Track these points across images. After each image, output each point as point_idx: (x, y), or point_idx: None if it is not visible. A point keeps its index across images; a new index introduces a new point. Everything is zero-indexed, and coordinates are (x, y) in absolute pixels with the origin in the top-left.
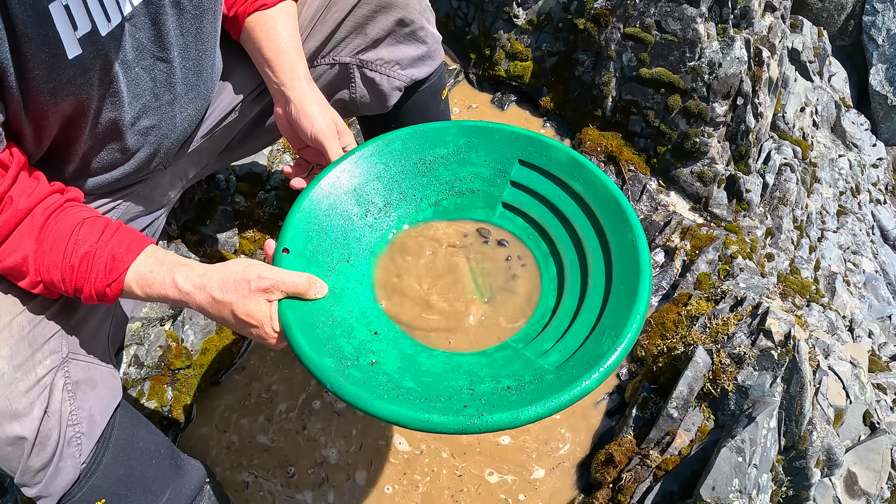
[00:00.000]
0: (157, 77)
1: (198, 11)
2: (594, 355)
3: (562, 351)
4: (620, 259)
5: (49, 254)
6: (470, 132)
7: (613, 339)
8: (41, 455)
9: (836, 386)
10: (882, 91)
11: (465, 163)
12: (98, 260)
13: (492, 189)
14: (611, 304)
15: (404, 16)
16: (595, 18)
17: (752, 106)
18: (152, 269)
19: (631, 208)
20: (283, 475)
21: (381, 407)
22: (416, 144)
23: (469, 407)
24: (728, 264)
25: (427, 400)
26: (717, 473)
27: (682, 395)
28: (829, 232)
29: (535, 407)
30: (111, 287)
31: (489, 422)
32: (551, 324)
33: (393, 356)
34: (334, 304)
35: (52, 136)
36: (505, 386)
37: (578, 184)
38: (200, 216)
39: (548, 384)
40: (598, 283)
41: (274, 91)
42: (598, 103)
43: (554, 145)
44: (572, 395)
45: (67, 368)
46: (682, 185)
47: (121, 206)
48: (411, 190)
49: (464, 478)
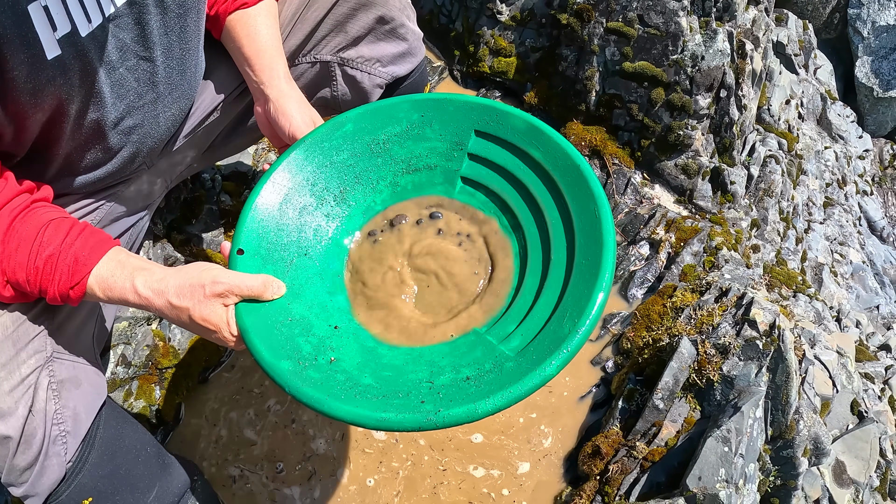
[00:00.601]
0: (140, 77)
1: (182, 11)
2: (555, 338)
3: (523, 334)
4: (583, 232)
5: (14, 255)
6: (422, 106)
7: (574, 319)
8: (26, 454)
9: (823, 375)
10: (868, 83)
11: (420, 139)
12: (62, 262)
13: (449, 164)
14: (573, 282)
15: (384, 13)
16: (578, 13)
17: (735, 98)
18: (113, 274)
19: (594, 176)
20: (272, 469)
21: (338, 408)
22: (367, 125)
23: (426, 402)
24: (713, 256)
25: (384, 397)
26: (704, 464)
27: (667, 386)
28: (815, 223)
29: (492, 399)
30: (74, 290)
31: (446, 417)
32: (514, 304)
33: (353, 351)
34: (293, 301)
35: (33, 136)
36: (464, 376)
37: (537, 151)
38: (186, 215)
39: (507, 373)
40: (559, 258)
41: (254, 90)
42: (581, 98)
43: (510, 112)
44: (531, 384)
45: (52, 367)
46: (666, 178)
47: (105, 205)
48: (366, 172)
49: (447, 472)
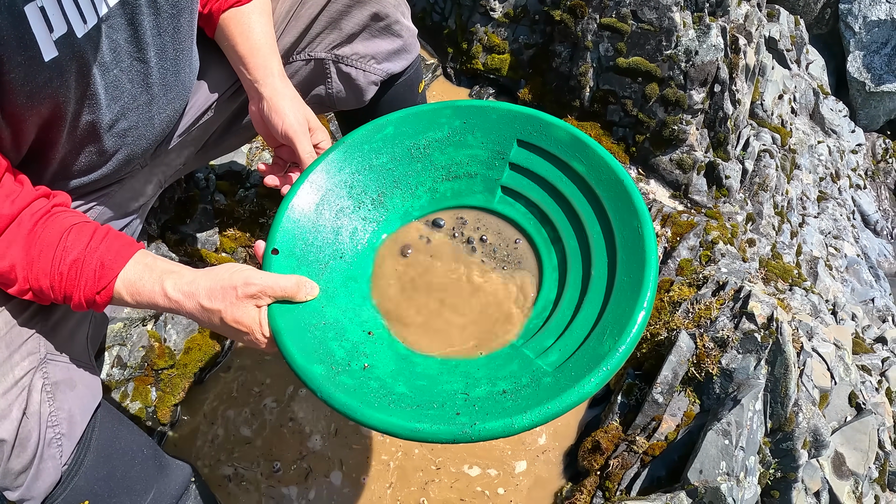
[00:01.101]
0: (134, 78)
1: (175, 11)
2: (594, 356)
3: (562, 350)
4: (625, 248)
5: (37, 261)
6: (465, 113)
7: (615, 338)
8: (21, 457)
9: (821, 367)
10: (860, 78)
11: (462, 146)
12: (87, 267)
13: (490, 172)
14: (614, 299)
15: (379, 10)
16: (571, 10)
17: (729, 93)
18: (142, 277)
19: (637, 192)
20: (269, 468)
21: (371, 416)
22: (408, 129)
23: (462, 415)
24: (709, 250)
25: (419, 407)
26: (705, 457)
27: (666, 381)
28: (809, 217)
29: (530, 414)
30: (101, 295)
31: (481, 431)
32: (552, 318)
33: (387, 358)
34: (327, 304)
35: (29, 140)
36: (501, 390)
37: (581, 165)
38: (181, 215)
39: (545, 388)
40: (600, 274)
41: (248, 88)
42: (575, 94)
43: (554, 123)
44: (570, 400)
45: (46, 369)
46: (661, 173)
47: (98, 207)
48: (405, 177)
49: (441, 470)
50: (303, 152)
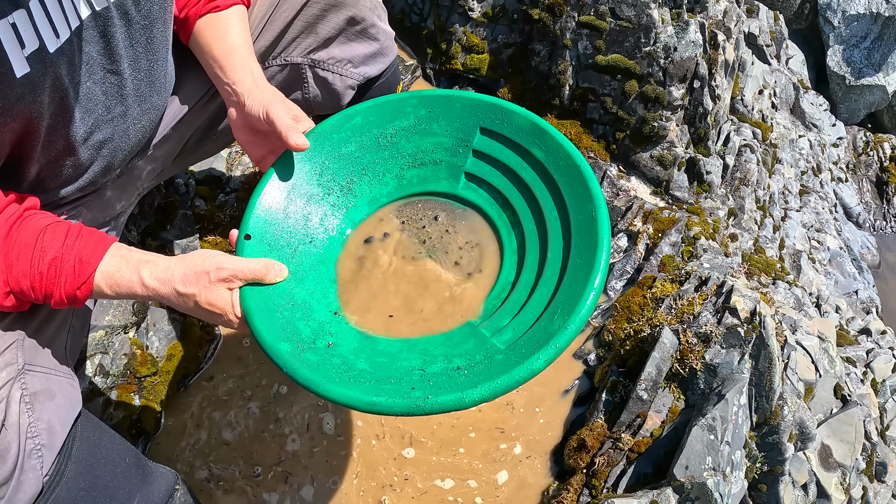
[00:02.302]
0: (108, 90)
1: (147, 22)
2: (545, 334)
3: (515, 329)
4: (579, 231)
5: (16, 264)
6: (430, 102)
7: (565, 317)
8: (1, 469)
9: (805, 360)
10: (840, 72)
11: (427, 133)
12: (66, 264)
13: (454, 159)
14: (566, 280)
15: (355, 13)
16: (549, 8)
17: (709, 89)
18: (119, 268)
19: (593, 177)
20: (249, 472)
21: (332, 390)
22: (375, 118)
23: (416, 389)
24: (691, 246)
25: (377, 382)
26: (690, 452)
27: (650, 377)
28: (792, 211)
29: (480, 389)
30: (81, 289)
31: (434, 405)
32: (509, 299)
33: (350, 336)
34: (295, 286)
35: (3, 155)
36: (455, 366)
37: (540, 151)
38: (161, 221)
39: (496, 365)
40: (555, 256)
41: (225, 92)
42: (555, 92)
43: (515, 111)
44: (518, 377)
45: (24, 380)
46: (642, 170)
47: (76, 216)
48: (373, 165)
49: (431, 466)
50: (279, 122)
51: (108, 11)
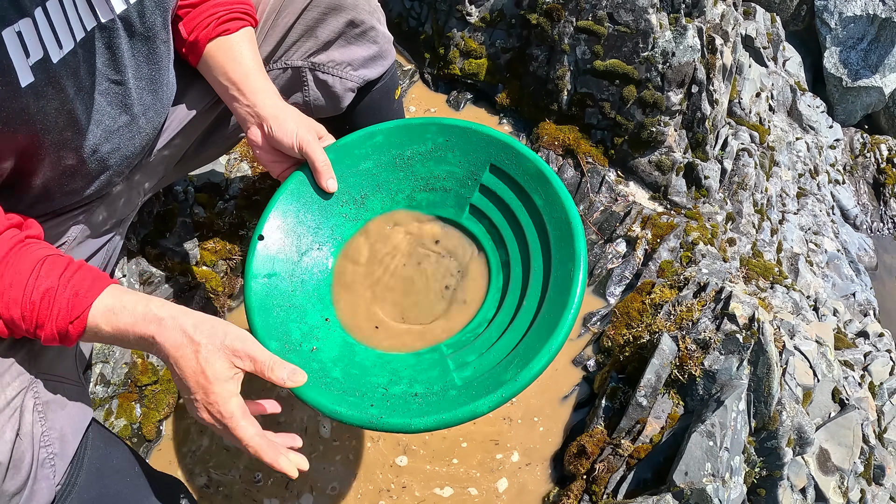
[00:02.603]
0: (112, 101)
1: (150, 34)
2: (496, 381)
3: (475, 368)
4: (555, 287)
5: (9, 290)
6: (449, 131)
7: (518, 369)
8: (15, 479)
9: (804, 365)
10: (837, 73)
11: (441, 161)
12: (60, 296)
13: (463, 190)
14: (531, 333)
15: (354, 17)
16: (547, 13)
17: (706, 93)
18: (121, 300)
19: (582, 237)
20: (250, 478)
21: (303, 392)
22: (396, 140)
23: (374, 406)
24: (690, 251)
25: (343, 393)
26: (690, 458)
27: (650, 383)
28: (789, 214)
29: (426, 419)
30: (74, 324)
31: (385, 424)
32: (482, 336)
33: (334, 344)
34: (297, 289)
35: (6, 170)
36: (414, 392)
37: (540, 198)
38: (160, 229)
39: (448, 399)
40: (530, 306)
41: (243, 114)
42: (553, 97)
43: (526, 154)
44: (461, 416)
45: (36, 389)
46: (640, 175)
47: (77, 225)
48: (388, 183)
49: (428, 469)
50: (317, 161)
51: (114, 24)
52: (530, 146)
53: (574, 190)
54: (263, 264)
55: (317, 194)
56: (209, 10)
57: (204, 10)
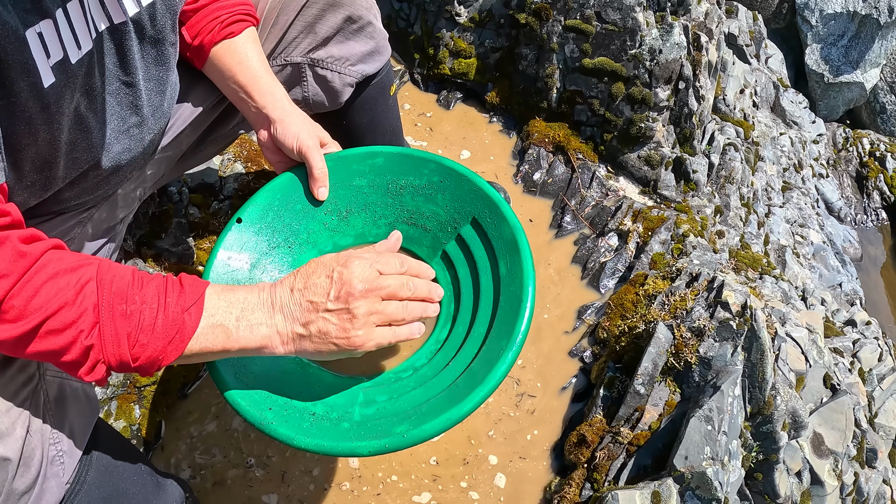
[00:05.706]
0: (123, 101)
1: (160, 37)
2: (386, 431)
3: (379, 410)
4: (481, 361)
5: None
6: (445, 172)
7: (411, 427)
8: (25, 476)
9: (795, 351)
10: (818, 70)
11: (430, 200)
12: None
13: (441, 234)
14: (440, 396)
15: (352, 13)
16: (536, 12)
17: (693, 89)
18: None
19: (525, 319)
20: (249, 479)
21: (232, 396)
22: (395, 166)
23: (272, 411)
24: (681, 243)
25: (252, 389)
26: (689, 443)
27: (647, 372)
28: (775, 207)
29: (308, 440)
30: (191, 310)
31: (272, 431)
32: (401, 382)
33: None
34: (253, 279)
35: (29, 177)
36: (313, 411)
37: (505, 268)
38: (155, 230)
39: (337, 430)
40: (455, 369)
41: (254, 115)
42: (543, 95)
43: (507, 219)
44: (340, 449)
45: (45, 386)
46: (630, 170)
47: (80, 226)
48: (375, 205)
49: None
50: (315, 168)
51: (126, 25)
52: (521, 144)
53: (565, 186)
54: (232, 244)
55: (305, 197)
56: (212, 14)
57: (207, 14)
